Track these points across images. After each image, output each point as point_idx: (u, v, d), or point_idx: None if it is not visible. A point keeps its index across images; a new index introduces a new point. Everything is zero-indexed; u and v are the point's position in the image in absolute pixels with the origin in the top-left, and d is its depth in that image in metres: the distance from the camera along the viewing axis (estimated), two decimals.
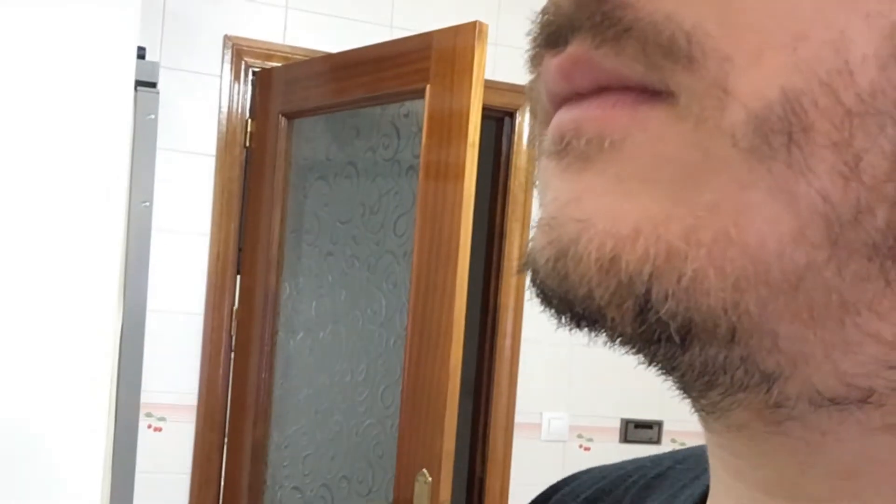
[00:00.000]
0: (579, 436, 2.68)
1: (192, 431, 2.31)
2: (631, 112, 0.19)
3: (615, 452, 2.70)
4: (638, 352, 0.20)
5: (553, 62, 0.21)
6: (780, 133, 0.17)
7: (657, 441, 2.76)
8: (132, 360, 1.59)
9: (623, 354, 0.21)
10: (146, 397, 2.13)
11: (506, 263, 2.55)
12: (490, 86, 1.99)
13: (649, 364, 0.21)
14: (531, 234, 0.22)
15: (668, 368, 0.20)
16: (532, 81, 0.22)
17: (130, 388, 1.59)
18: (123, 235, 1.50)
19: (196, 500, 2.31)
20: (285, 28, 2.37)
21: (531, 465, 2.62)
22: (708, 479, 0.31)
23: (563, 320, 0.21)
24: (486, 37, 1.75)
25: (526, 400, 2.61)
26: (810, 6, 0.17)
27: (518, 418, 2.61)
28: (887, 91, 0.17)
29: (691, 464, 0.35)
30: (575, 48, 0.20)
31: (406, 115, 2.16)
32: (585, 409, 2.65)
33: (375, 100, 2.04)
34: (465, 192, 1.75)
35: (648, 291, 0.18)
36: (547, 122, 0.22)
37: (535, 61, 0.22)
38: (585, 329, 0.21)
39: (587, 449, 2.69)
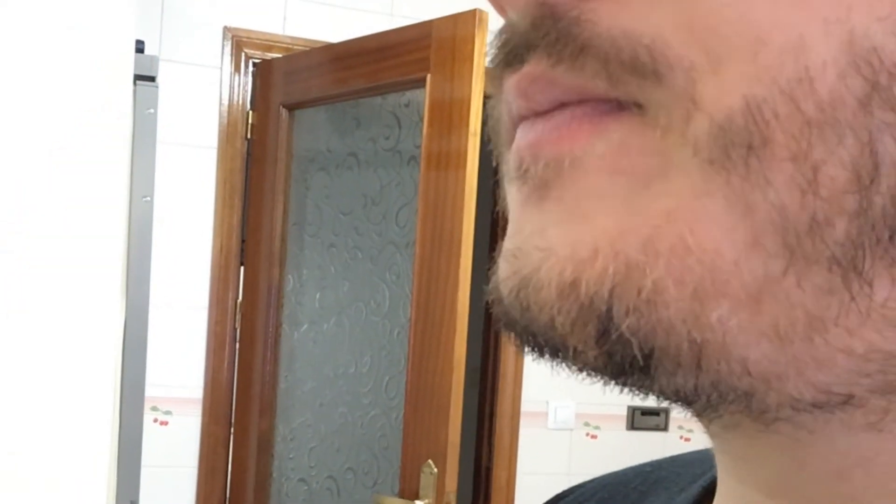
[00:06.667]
0: (586, 424, 2.68)
1: (198, 425, 2.31)
2: (591, 124, 0.19)
3: (622, 440, 2.69)
4: (607, 381, 0.20)
5: (511, 81, 0.21)
6: (741, 146, 0.17)
7: (664, 428, 2.75)
8: (136, 354, 1.59)
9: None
10: (151, 391, 2.13)
11: None
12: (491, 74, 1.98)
13: (622, 391, 0.21)
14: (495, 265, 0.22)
15: (644, 394, 0.20)
16: (493, 101, 0.22)
17: (135, 382, 1.59)
18: (125, 231, 1.50)
19: (203, 493, 2.32)
20: (285, 18, 2.35)
21: (538, 454, 2.62)
22: (706, 482, 0.32)
23: (527, 349, 0.21)
24: (487, 24, 1.74)
25: (532, 388, 2.60)
26: (766, 10, 0.17)
27: (524, 407, 2.61)
28: (846, 100, 0.16)
29: (695, 467, 0.35)
30: (532, 66, 0.20)
31: (407, 105, 2.15)
32: (592, 397, 2.64)
33: (376, 90, 2.03)
34: (468, 182, 1.74)
35: (610, 309, 0.18)
36: (510, 142, 0.21)
37: (496, 82, 0.22)
38: (548, 358, 0.21)
39: (594, 437, 2.68)
